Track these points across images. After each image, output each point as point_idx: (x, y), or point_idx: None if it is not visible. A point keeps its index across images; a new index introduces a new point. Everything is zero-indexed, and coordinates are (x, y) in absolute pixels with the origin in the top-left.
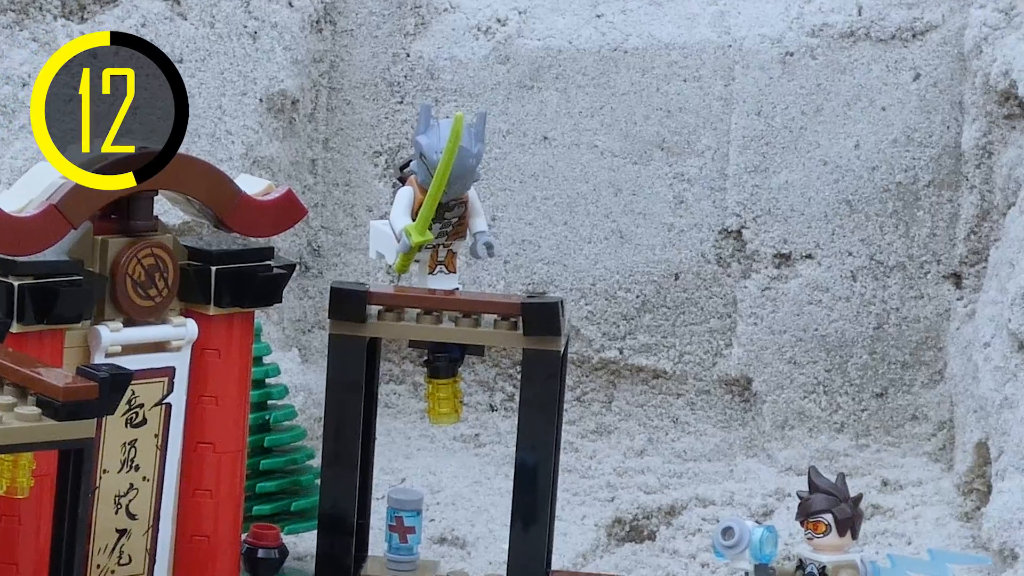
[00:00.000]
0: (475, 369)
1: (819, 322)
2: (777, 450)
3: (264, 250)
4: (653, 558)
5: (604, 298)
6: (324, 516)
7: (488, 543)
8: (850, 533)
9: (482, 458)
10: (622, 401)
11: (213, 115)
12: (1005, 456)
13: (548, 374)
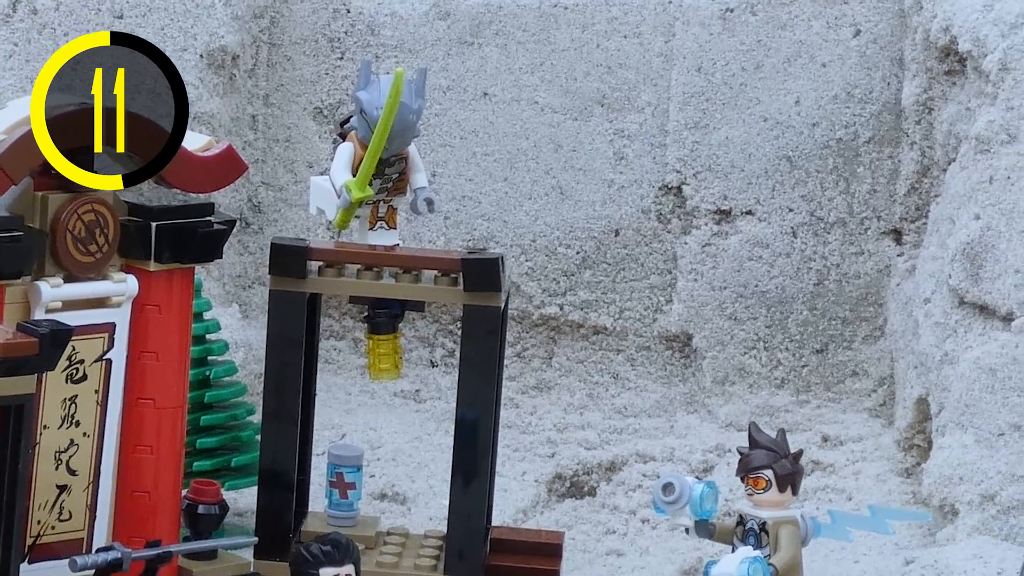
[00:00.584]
0: (415, 325)
1: (759, 278)
2: (717, 406)
3: (204, 206)
4: (593, 514)
5: (544, 254)
6: (264, 472)
7: (428, 499)
8: (790, 489)
9: (422, 414)
10: (562, 357)
11: None
12: (945, 412)
13: (488, 330)
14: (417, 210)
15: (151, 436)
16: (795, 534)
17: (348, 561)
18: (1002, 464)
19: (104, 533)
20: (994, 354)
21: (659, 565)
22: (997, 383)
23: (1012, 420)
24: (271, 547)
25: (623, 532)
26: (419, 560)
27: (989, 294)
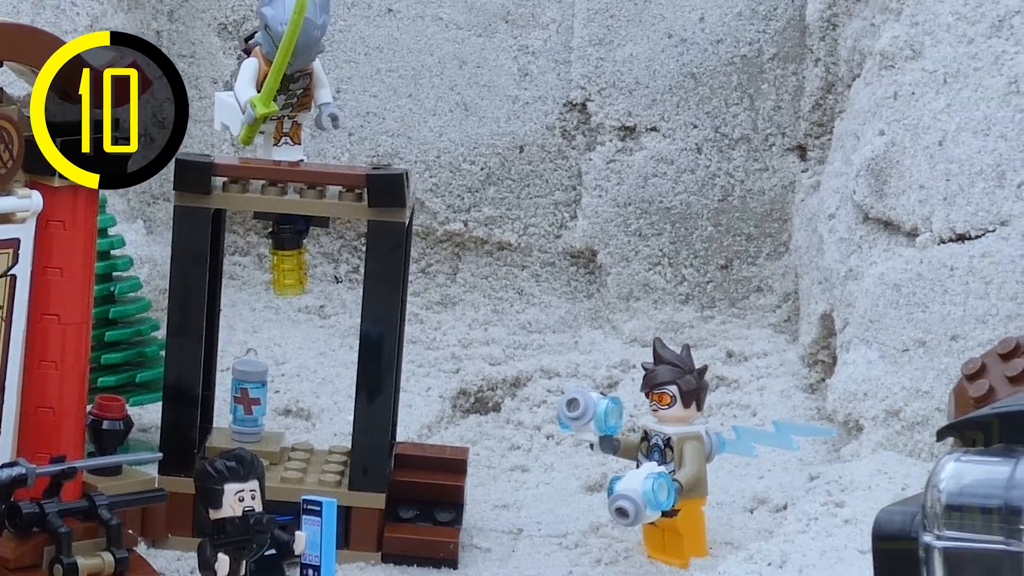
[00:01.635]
0: (320, 241)
1: (664, 194)
2: (622, 322)
3: None
4: (498, 429)
5: (449, 170)
6: (169, 388)
7: (333, 415)
8: (695, 405)
9: (327, 330)
10: (467, 273)
11: None
12: (850, 328)
13: (393, 246)
14: (322, 126)
15: (55, 352)
16: (699, 450)
17: (252, 477)
18: (906, 380)
19: (8, 449)
20: (899, 270)
21: (563, 481)
22: (902, 299)
23: (916, 336)
24: (175, 463)
25: (528, 448)
26: (323, 476)
27: (894, 210)
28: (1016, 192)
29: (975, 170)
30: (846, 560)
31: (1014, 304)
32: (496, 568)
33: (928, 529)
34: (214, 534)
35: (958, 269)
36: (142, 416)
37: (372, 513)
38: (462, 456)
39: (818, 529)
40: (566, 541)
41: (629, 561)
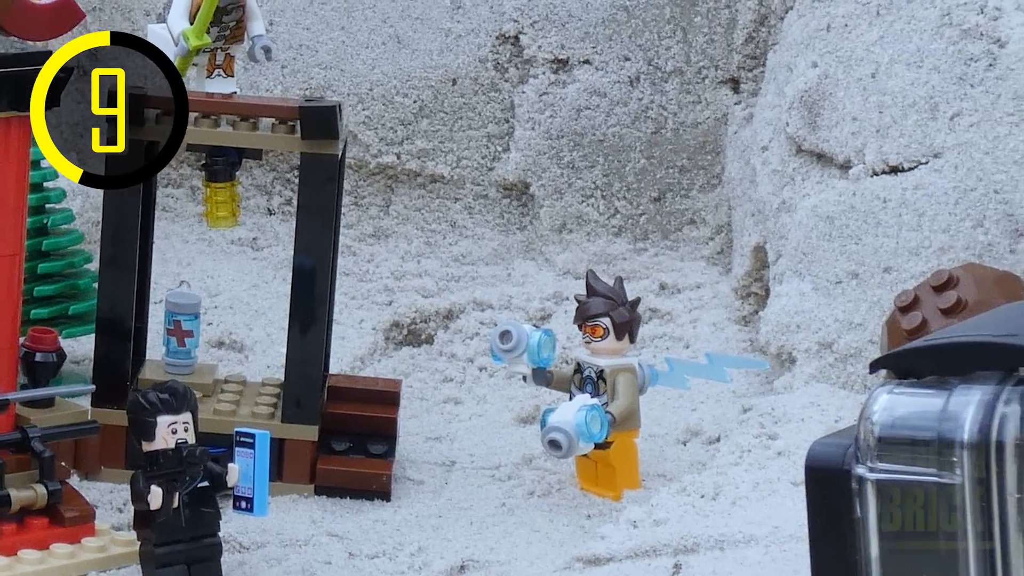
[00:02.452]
0: (253, 173)
1: (597, 127)
2: (555, 254)
3: (42, 54)
4: (431, 361)
5: (382, 103)
6: (102, 320)
7: (266, 347)
8: (628, 337)
9: (260, 262)
10: (400, 205)
11: None
12: (783, 260)
13: (325, 178)
14: (254, 58)
15: None
16: (632, 382)
17: (185, 409)
18: (839, 312)
19: None
20: (831, 202)
21: (496, 413)
22: (835, 231)
23: (849, 268)
24: (108, 395)
25: (460, 380)
26: (256, 408)
27: (826, 142)
28: (949, 124)
29: (908, 102)
30: (779, 492)
31: (947, 236)
32: (429, 500)
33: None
34: (147, 466)
35: (891, 201)
36: (75, 348)
37: (305, 445)
38: (395, 388)
39: (751, 461)
40: (499, 473)
41: (562, 493)
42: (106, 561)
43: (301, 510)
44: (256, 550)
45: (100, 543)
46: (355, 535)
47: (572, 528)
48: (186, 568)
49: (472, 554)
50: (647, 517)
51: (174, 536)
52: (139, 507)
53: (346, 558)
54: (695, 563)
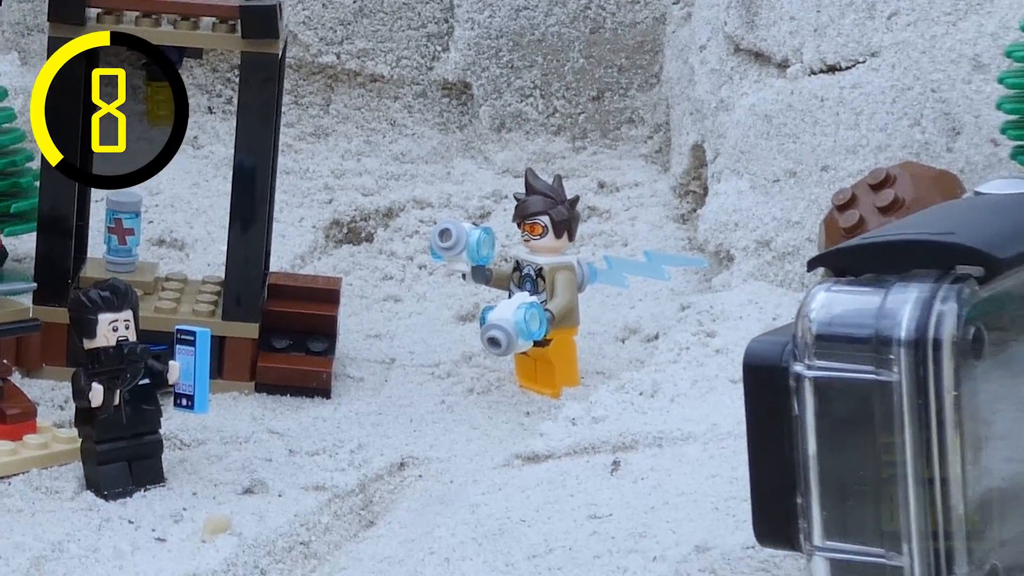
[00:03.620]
0: (193, 72)
1: (536, 26)
2: (494, 152)
3: None
4: (371, 259)
5: (321, 3)
6: (43, 218)
7: (207, 245)
8: (567, 235)
9: (200, 160)
10: (339, 104)
11: None
12: (721, 158)
13: (265, 77)
14: None
15: None
16: (571, 280)
17: (127, 307)
18: (777, 210)
19: None
20: (769, 100)
21: (436, 311)
22: (772, 130)
23: (787, 167)
24: (50, 293)
25: (400, 278)
26: (197, 306)
27: (764, 41)
28: (886, 24)
29: (846, 2)
30: (717, 389)
31: (884, 135)
32: (369, 398)
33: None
34: (88, 364)
35: (828, 100)
36: (16, 246)
37: (245, 343)
38: (335, 286)
39: (689, 359)
40: (438, 371)
41: (501, 391)
42: (47, 458)
43: (241, 407)
44: (197, 447)
45: (42, 440)
46: (295, 432)
47: (511, 425)
48: (127, 465)
49: (412, 451)
50: (586, 414)
51: (115, 433)
52: (80, 404)
53: (287, 455)
54: (634, 460)
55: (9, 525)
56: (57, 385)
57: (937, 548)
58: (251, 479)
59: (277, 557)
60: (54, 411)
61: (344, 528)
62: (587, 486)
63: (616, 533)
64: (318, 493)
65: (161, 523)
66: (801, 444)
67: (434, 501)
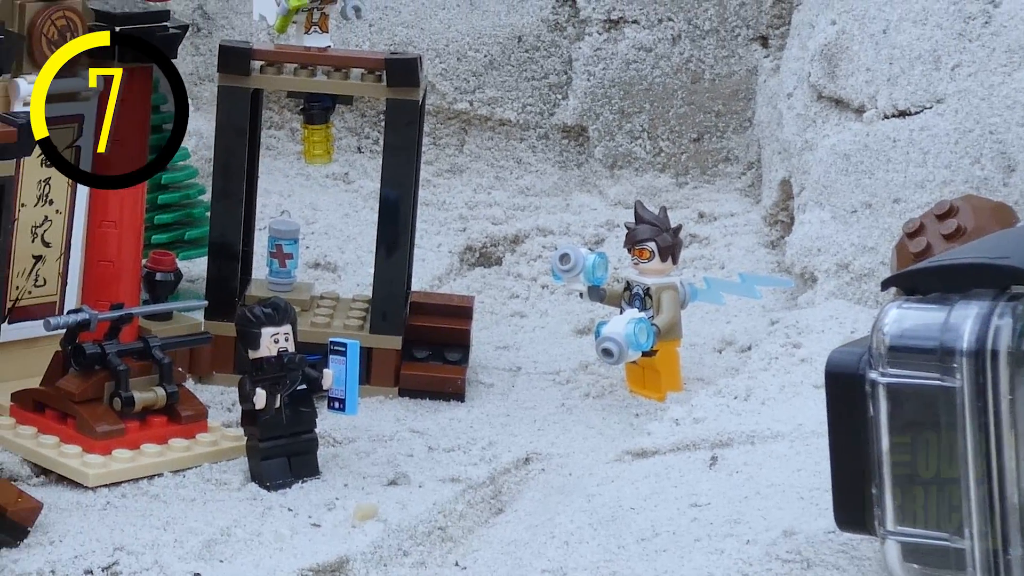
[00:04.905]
0: (344, 117)
1: (644, 78)
2: (607, 187)
3: (161, 12)
4: (500, 280)
5: (456, 57)
6: (213, 244)
7: (356, 267)
8: (671, 259)
9: (351, 194)
10: (472, 145)
11: None
12: (806, 192)
13: (408, 120)
14: (346, 16)
15: (115, 212)
16: (675, 298)
17: (286, 322)
18: (855, 237)
19: (74, 297)
20: (848, 141)
21: (556, 325)
22: (850, 167)
23: (863, 199)
24: (219, 310)
25: (525, 296)
26: (348, 321)
27: (843, 89)
28: (950, 74)
29: (914, 55)
30: (802, 394)
31: (948, 171)
32: (498, 401)
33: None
34: (253, 371)
35: (900, 141)
36: (190, 269)
37: (390, 353)
38: (468, 304)
39: (778, 367)
40: (559, 378)
41: (613, 395)
42: (217, 454)
43: (387, 410)
44: (347, 444)
45: (212, 438)
46: (433, 431)
47: (622, 425)
48: (287, 460)
49: (535, 448)
50: (687, 416)
51: (276, 432)
52: (246, 407)
53: (426, 451)
54: (729, 455)
55: (184, 512)
56: (225, 390)
57: (994, 533)
58: (395, 472)
59: (418, 540)
60: (223, 413)
61: (476, 515)
62: (688, 478)
63: (714, 519)
64: (454, 484)
65: (316, 511)
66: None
67: (555, 491)
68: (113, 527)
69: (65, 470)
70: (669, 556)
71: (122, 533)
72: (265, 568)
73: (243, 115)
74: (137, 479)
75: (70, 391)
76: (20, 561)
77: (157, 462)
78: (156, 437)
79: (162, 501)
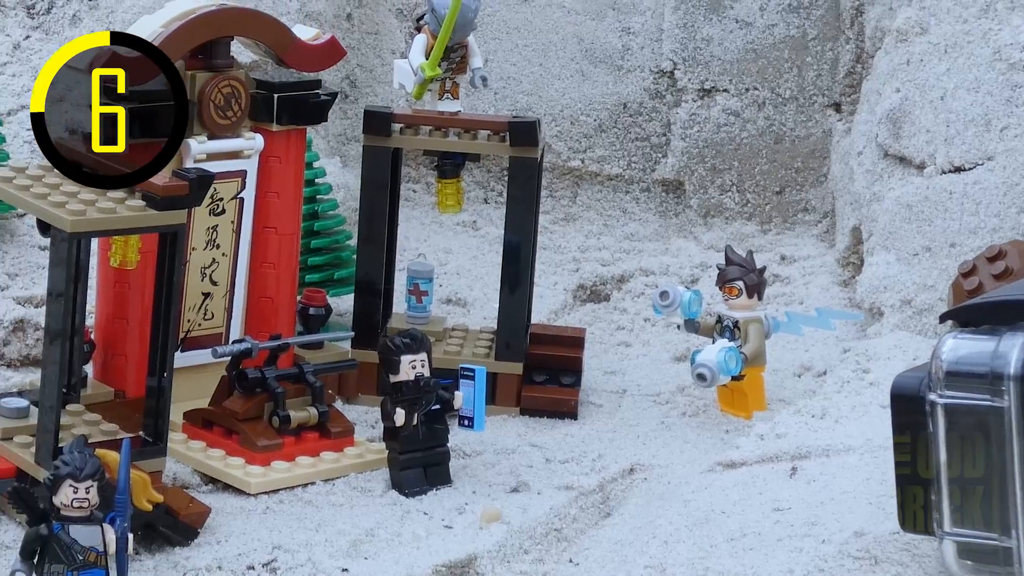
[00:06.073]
0: (473, 172)
1: (733, 139)
2: (701, 233)
3: (314, 81)
4: (608, 314)
5: (569, 121)
6: (359, 283)
7: (483, 303)
8: (757, 295)
9: (479, 239)
10: (584, 197)
11: None
12: (873, 237)
13: (528, 176)
14: (474, 85)
15: (273, 255)
16: (760, 330)
17: (422, 350)
18: (916, 277)
19: (238, 329)
20: (910, 194)
21: (657, 353)
22: (912, 215)
23: (923, 243)
24: (364, 340)
25: (630, 328)
26: (475, 349)
27: (906, 148)
28: (999, 135)
29: (968, 118)
30: (871, 413)
31: (997, 220)
32: (606, 419)
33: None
34: (393, 393)
35: (955, 193)
36: (338, 305)
37: (512, 378)
38: (581, 335)
39: (849, 390)
40: (659, 399)
41: (707, 414)
42: (362, 465)
43: (509, 427)
44: (475, 456)
45: (358, 452)
46: (550, 445)
47: (714, 440)
48: (423, 470)
49: (639, 459)
50: (771, 432)
51: (414, 446)
52: (387, 424)
53: (544, 463)
54: (807, 466)
55: (334, 516)
56: (369, 409)
57: None
58: (517, 481)
59: (536, 540)
60: (367, 430)
61: (587, 518)
62: (771, 486)
63: (794, 522)
64: (567, 491)
65: (448, 514)
66: (934, 454)
67: (655, 497)
68: (272, 528)
69: (230, 479)
70: (755, 554)
71: (280, 534)
72: (404, 564)
73: (385, 171)
74: (293, 487)
75: (235, 411)
76: (191, 558)
77: (310, 472)
78: (309, 451)
79: (314, 506)
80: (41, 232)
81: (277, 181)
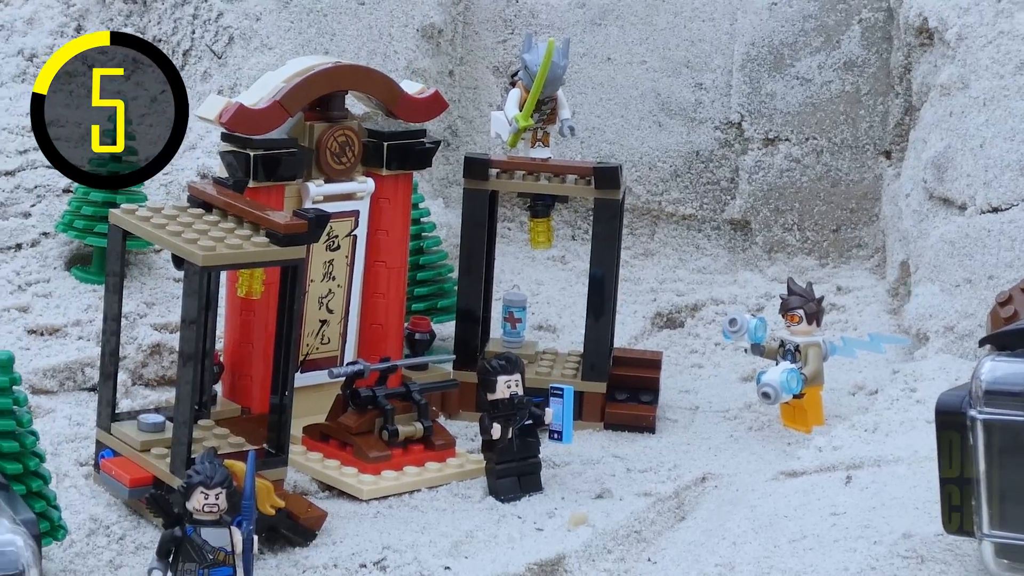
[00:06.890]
0: (562, 212)
1: (794, 183)
2: (766, 267)
3: (419, 131)
4: (682, 339)
5: (648, 167)
6: (460, 311)
7: (571, 329)
8: (816, 322)
9: (567, 272)
10: (661, 234)
11: (385, 40)
12: (920, 271)
13: (611, 216)
14: (563, 134)
15: (384, 286)
16: (819, 353)
17: (516, 371)
18: (958, 305)
19: (351, 352)
20: (953, 231)
21: (726, 374)
22: (955, 251)
23: (965, 276)
24: (465, 362)
25: (703, 352)
26: (564, 371)
27: (950, 191)
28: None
29: (1005, 164)
30: (917, 428)
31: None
32: (681, 432)
33: (973, 407)
34: (490, 410)
35: (993, 231)
36: (441, 331)
37: (597, 396)
38: (658, 357)
39: (898, 407)
40: (728, 414)
41: (771, 428)
42: (463, 474)
43: (594, 440)
44: (564, 466)
45: (459, 462)
46: (631, 456)
47: (777, 451)
48: (517, 479)
49: (710, 469)
50: (828, 444)
51: (509, 457)
52: (485, 438)
53: (625, 472)
54: (861, 475)
55: (437, 519)
56: (470, 424)
57: None
58: (601, 488)
59: (619, 541)
60: (467, 442)
61: (664, 521)
62: (829, 493)
63: (849, 525)
64: (646, 497)
65: (540, 518)
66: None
67: (725, 503)
68: (382, 531)
69: (344, 487)
70: (814, 554)
71: (389, 535)
72: (500, 563)
73: (483, 211)
74: (400, 494)
75: (348, 425)
76: (309, 557)
77: (416, 480)
78: (415, 461)
79: (420, 511)
80: (175, 266)
81: (387, 220)
